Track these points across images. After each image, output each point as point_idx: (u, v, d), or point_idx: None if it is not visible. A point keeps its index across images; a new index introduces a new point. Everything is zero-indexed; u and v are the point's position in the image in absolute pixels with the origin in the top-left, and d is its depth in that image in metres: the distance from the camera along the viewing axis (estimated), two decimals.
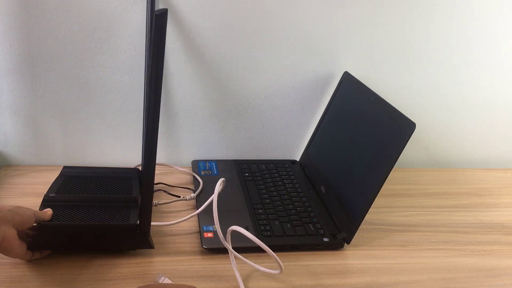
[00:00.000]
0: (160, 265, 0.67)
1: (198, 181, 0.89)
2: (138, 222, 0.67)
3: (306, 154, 0.97)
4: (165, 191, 0.85)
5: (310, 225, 0.77)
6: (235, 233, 0.64)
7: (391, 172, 0.68)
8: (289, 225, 0.77)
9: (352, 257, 0.73)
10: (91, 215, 0.68)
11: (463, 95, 1.01)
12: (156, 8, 0.82)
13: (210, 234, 0.72)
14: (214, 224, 0.65)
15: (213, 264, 0.69)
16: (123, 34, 0.85)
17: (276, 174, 0.93)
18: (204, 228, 0.74)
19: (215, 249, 0.70)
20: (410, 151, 1.06)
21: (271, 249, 0.64)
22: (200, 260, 0.69)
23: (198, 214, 0.78)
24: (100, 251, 0.68)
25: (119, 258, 0.67)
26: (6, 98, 0.88)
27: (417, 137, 1.04)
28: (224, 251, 0.68)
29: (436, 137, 1.06)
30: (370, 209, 0.71)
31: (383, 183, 0.69)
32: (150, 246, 0.69)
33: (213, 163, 0.96)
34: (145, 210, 0.65)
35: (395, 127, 0.71)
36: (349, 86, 0.90)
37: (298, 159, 1.01)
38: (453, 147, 1.08)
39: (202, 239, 0.72)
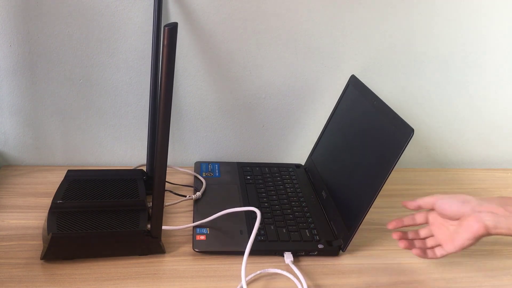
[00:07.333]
0: (160, 265, 0.67)
1: (201, 181, 0.88)
2: (149, 227, 0.67)
3: (311, 159, 0.96)
4: (170, 191, 0.85)
5: (307, 230, 0.76)
6: (228, 236, 0.64)
7: (391, 173, 0.68)
8: (284, 230, 0.75)
9: (352, 257, 0.73)
10: (101, 221, 0.68)
11: (463, 95, 1.01)
12: (162, 8, 0.82)
13: (202, 237, 0.72)
14: (208, 227, 0.66)
15: (213, 264, 0.69)
16: (123, 34, 0.85)
17: (278, 178, 0.92)
18: (198, 230, 0.73)
19: (206, 252, 0.70)
20: (410, 151, 1.05)
21: (263, 253, 0.65)
22: (200, 260, 0.69)
23: (194, 216, 0.78)
24: (112, 257, 0.67)
25: (118, 258, 0.67)
26: (6, 98, 0.88)
27: (417, 137, 1.04)
28: (215, 254, 0.69)
29: (436, 137, 1.06)
30: (370, 209, 0.70)
31: (379, 189, 0.68)
32: (162, 251, 0.69)
33: (216, 165, 0.96)
34: (156, 216, 0.65)
35: (394, 132, 0.70)
36: (355, 90, 0.88)
37: (299, 160, 1.01)
38: (453, 147, 1.08)
39: (194, 241, 0.71)
